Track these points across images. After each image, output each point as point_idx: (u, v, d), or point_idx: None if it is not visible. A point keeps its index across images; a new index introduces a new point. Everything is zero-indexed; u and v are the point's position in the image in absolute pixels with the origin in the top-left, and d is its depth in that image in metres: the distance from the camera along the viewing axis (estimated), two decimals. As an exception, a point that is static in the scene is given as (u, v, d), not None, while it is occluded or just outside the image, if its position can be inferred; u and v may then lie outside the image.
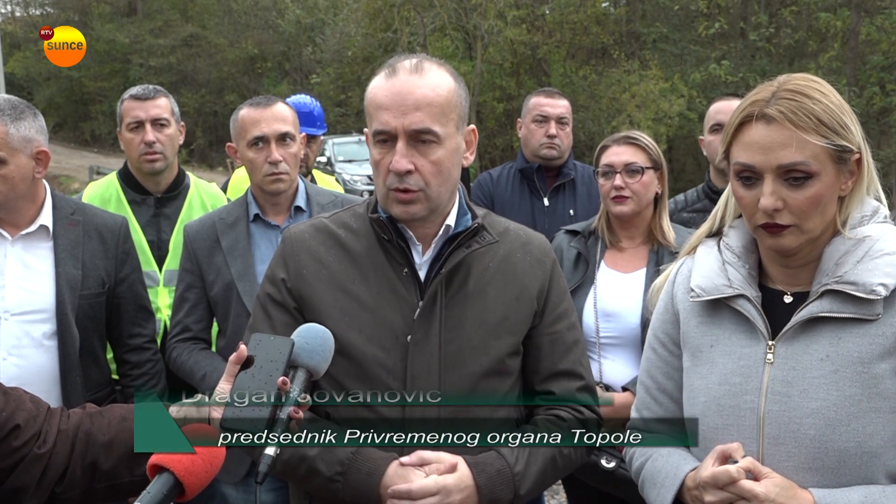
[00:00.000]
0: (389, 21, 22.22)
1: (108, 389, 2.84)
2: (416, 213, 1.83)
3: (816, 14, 20.02)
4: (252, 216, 2.96)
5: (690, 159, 20.47)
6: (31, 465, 1.51)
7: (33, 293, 2.60)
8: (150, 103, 3.32)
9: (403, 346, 1.82)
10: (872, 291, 1.54)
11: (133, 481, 1.56)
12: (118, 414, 1.61)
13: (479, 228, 1.91)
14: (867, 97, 18.43)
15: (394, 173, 1.79)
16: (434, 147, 1.79)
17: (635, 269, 2.92)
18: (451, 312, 1.85)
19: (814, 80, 1.63)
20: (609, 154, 2.94)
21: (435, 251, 1.90)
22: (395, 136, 1.78)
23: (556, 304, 1.98)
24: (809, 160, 1.54)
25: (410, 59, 1.83)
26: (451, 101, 1.82)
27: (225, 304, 2.89)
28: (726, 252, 1.74)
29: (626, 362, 2.84)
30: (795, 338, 1.61)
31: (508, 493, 1.78)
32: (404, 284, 1.86)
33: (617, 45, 22.92)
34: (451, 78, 1.85)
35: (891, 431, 1.54)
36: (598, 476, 2.68)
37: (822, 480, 1.55)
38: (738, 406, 1.63)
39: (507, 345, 1.89)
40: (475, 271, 1.90)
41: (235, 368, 1.46)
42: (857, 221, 1.64)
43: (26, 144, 2.54)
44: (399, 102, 1.77)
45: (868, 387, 1.54)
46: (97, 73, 30.93)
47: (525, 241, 2.00)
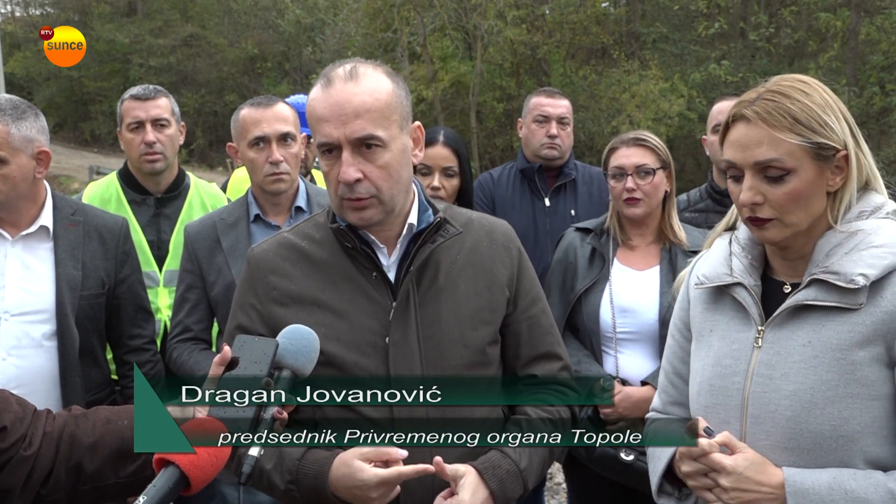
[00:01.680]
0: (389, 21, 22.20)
1: (108, 390, 2.84)
2: (371, 219, 1.83)
3: (816, 14, 19.99)
4: (253, 216, 2.96)
5: (690, 159, 20.46)
6: (17, 468, 1.52)
7: (33, 294, 2.59)
8: (151, 103, 3.32)
9: (383, 348, 1.83)
10: (852, 281, 1.60)
11: (118, 483, 1.56)
12: (103, 416, 1.62)
13: (442, 222, 1.92)
14: (867, 97, 18.42)
15: (343, 183, 1.78)
16: (380, 151, 1.78)
17: (648, 266, 2.95)
18: (426, 309, 1.86)
19: (801, 80, 1.70)
20: (619, 156, 2.95)
21: (401, 251, 1.91)
22: (339, 147, 1.78)
23: (528, 289, 2.00)
24: (784, 157, 1.62)
25: (344, 66, 1.82)
26: (391, 104, 1.80)
27: (226, 305, 2.87)
28: (734, 244, 1.83)
29: (643, 357, 2.89)
30: (784, 324, 1.69)
31: (519, 490, 1.82)
32: (375, 288, 1.86)
33: (617, 45, 22.90)
34: (388, 79, 1.83)
35: (869, 417, 1.59)
36: (617, 469, 2.71)
37: (797, 461, 1.62)
38: (726, 387, 1.73)
39: (485, 334, 1.90)
40: (444, 265, 1.90)
41: (220, 370, 1.46)
42: (853, 216, 1.69)
43: (27, 144, 2.53)
44: (338, 113, 1.76)
45: (845, 373, 1.60)
46: (97, 73, 30.88)
47: (489, 229, 2.00)
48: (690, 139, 19.23)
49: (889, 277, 1.61)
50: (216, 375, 1.45)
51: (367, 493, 1.72)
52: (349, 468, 1.72)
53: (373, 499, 1.72)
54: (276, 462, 1.80)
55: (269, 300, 1.89)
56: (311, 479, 1.76)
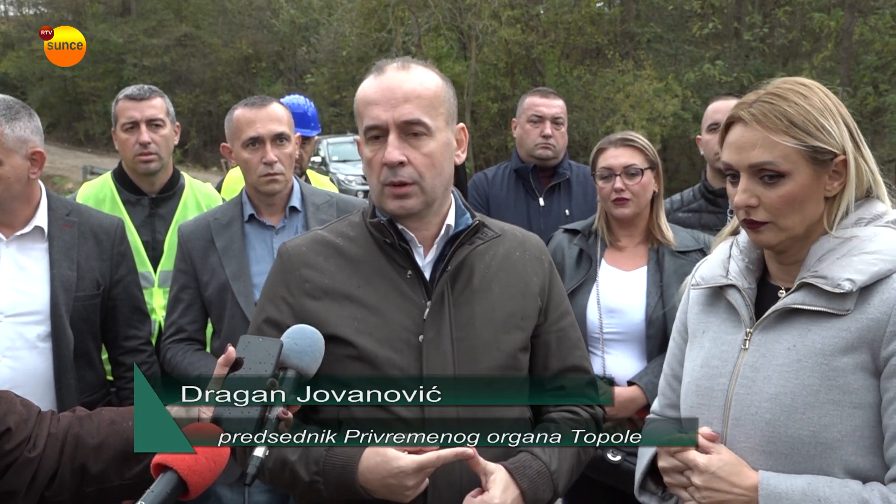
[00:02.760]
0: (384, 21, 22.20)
1: (103, 391, 2.83)
2: (412, 208, 1.83)
3: (810, 14, 20.03)
4: (247, 216, 2.96)
5: (685, 159, 20.50)
6: (21, 469, 1.52)
7: (27, 295, 2.59)
8: (146, 103, 3.31)
9: (416, 346, 1.82)
10: (838, 285, 1.59)
11: (122, 485, 1.56)
12: (107, 417, 1.62)
13: (480, 225, 1.93)
14: (861, 97, 18.46)
15: (387, 167, 1.80)
16: (425, 139, 1.81)
17: (636, 266, 2.96)
18: (460, 311, 1.86)
19: (802, 83, 1.68)
20: (607, 157, 2.96)
21: (437, 252, 1.91)
22: (386, 131, 1.80)
23: (559, 301, 2.02)
24: (778, 160, 1.61)
25: (397, 61, 1.87)
26: (440, 96, 1.84)
27: (220, 305, 2.88)
28: (734, 248, 1.83)
29: (630, 357, 2.89)
30: (771, 327, 1.68)
31: (549, 492, 1.81)
32: (410, 286, 1.87)
33: (611, 45, 22.92)
34: (437, 76, 1.89)
35: (850, 426, 1.57)
36: (603, 470, 2.70)
37: (775, 465, 1.61)
38: (711, 388, 1.73)
39: (517, 340, 1.91)
40: (479, 269, 1.92)
41: (224, 370, 1.46)
42: (851, 223, 1.67)
43: (21, 145, 2.52)
44: (388, 96, 1.80)
45: (827, 378, 1.59)
46: (91, 73, 30.79)
47: (522, 240, 2.03)
48: (685, 139, 19.27)
49: (878, 285, 1.59)
50: (220, 376, 1.45)
51: (403, 482, 1.67)
52: (383, 457, 1.69)
53: (409, 487, 1.68)
54: (301, 453, 1.76)
55: (301, 293, 1.88)
56: (338, 470, 1.72)
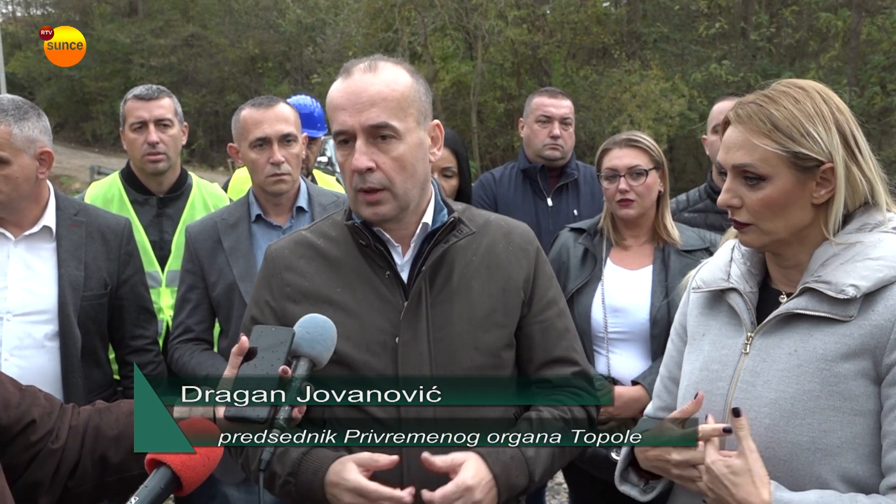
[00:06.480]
0: (390, 21, 22.19)
1: (111, 391, 2.84)
2: (385, 214, 1.83)
3: (817, 14, 19.97)
4: (254, 217, 2.97)
5: (691, 159, 20.46)
6: (45, 461, 1.55)
7: (35, 294, 2.60)
8: (154, 103, 3.32)
9: (392, 348, 1.82)
10: (842, 291, 1.57)
11: (143, 474, 1.58)
12: (126, 409, 1.66)
13: (456, 222, 1.91)
14: (868, 97, 18.40)
15: (356, 173, 1.79)
16: (394, 143, 1.79)
17: (641, 266, 2.95)
18: (438, 310, 1.85)
19: (799, 86, 1.65)
20: (612, 157, 2.95)
21: (415, 250, 1.90)
22: (354, 136, 1.78)
23: (544, 291, 1.97)
24: (758, 163, 1.60)
25: (365, 61, 1.84)
26: (408, 97, 1.81)
27: (227, 305, 2.89)
28: (736, 251, 1.82)
29: (634, 357, 2.89)
30: (773, 332, 1.67)
31: (524, 478, 1.78)
32: (388, 287, 1.86)
33: (618, 44, 22.89)
34: (407, 74, 1.85)
35: (850, 433, 1.56)
36: (607, 469, 2.70)
37: (773, 471, 1.58)
38: (711, 391, 1.71)
39: (498, 338, 1.88)
40: (458, 266, 1.89)
41: (238, 360, 1.48)
42: (854, 228, 1.65)
43: (30, 145, 2.53)
44: (354, 101, 1.78)
45: (828, 384, 1.57)
46: (98, 73, 30.88)
47: (507, 230, 1.99)
48: (691, 139, 19.21)
49: (883, 291, 1.57)
50: (235, 365, 1.47)
51: (339, 495, 1.71)
52: (343, 466, 1.72)
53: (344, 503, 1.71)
54: (282, 451, 1.78)
55: (282, 297, 1.90)
56: (309, 475, 1.75)
